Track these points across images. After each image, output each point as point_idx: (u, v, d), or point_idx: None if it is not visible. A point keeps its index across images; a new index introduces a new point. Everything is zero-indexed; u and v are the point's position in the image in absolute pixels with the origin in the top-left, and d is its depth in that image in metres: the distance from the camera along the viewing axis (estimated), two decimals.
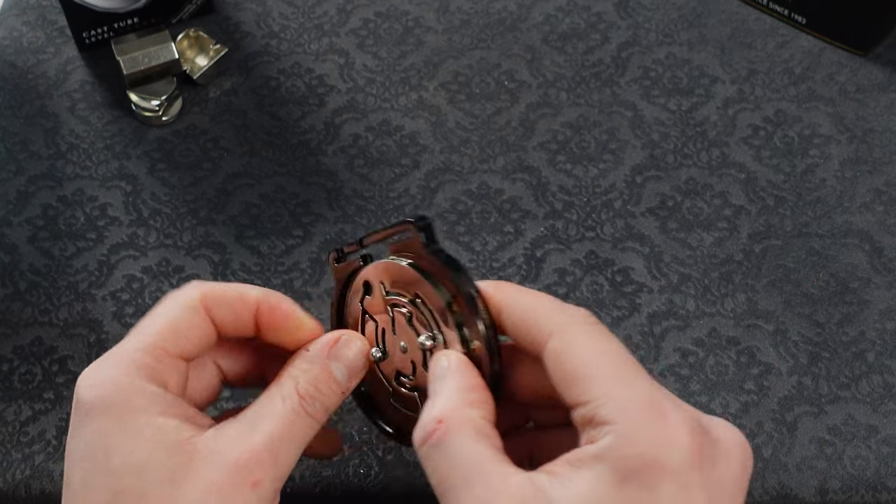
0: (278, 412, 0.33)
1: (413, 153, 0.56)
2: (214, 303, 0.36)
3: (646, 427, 0.29)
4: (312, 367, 0.35)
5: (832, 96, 0.58)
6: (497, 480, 0.29)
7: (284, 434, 0.33)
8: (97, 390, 0.33)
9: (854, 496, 0.44)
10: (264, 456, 0.32)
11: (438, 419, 0.31)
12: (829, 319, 0.49)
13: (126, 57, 0.56)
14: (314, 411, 0.34)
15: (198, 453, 0.32)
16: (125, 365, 0.33)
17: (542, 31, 0.61)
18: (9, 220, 0.53)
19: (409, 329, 0.36)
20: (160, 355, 0.34)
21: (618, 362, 0.30)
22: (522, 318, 0.33)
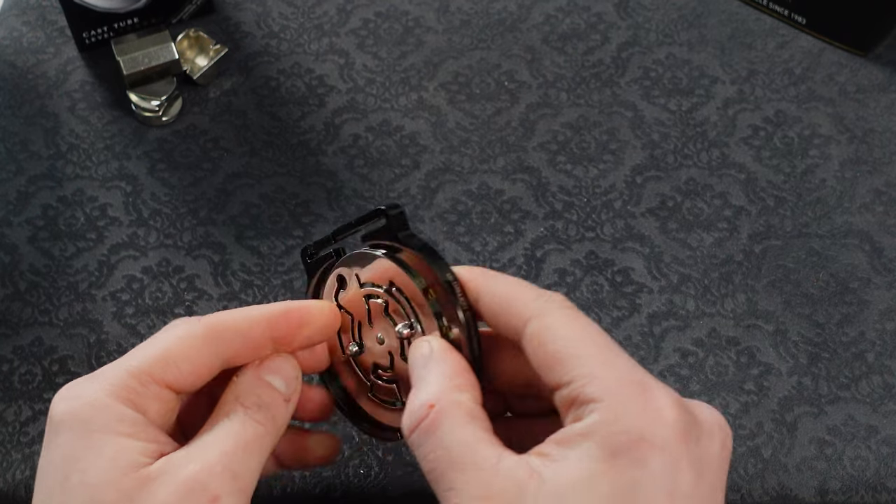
0: (226, 427, 0.33)
1: (413, 153, 0.56)
2: (221, 333, 0.35)
3: (632, 403, 0.29)
4: (248, 380, 0.35)
5: (832, 96, 0.58)
6: (491, 463, 0.29)
7: (237, 446, 0.32)
8: (69, 404, 0.32)
9: (854, 496, 0.44)
10: (218, 470, 0.31)
11: (429, 404, 0.31)
12: (829, 320, 0.49)
13: (126, 57, 0.56)
14: (263, 419, 0.33)
15: (151, 475, 0.31)
16: (104, 384, 0.33)
17: (543, 32, 0.61)
18: (9, 221, 0.53)
19: (385, 319, 0.36)
20: (145, 380, 0.33)
21: (599, 342, 0.31)
22: (500, 304, 0.33)
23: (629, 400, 0.29)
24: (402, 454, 0.45)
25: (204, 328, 0.34)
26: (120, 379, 0.33)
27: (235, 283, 0.51)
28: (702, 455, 0.29)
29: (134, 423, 0.32)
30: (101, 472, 0.31)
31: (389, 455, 0.45)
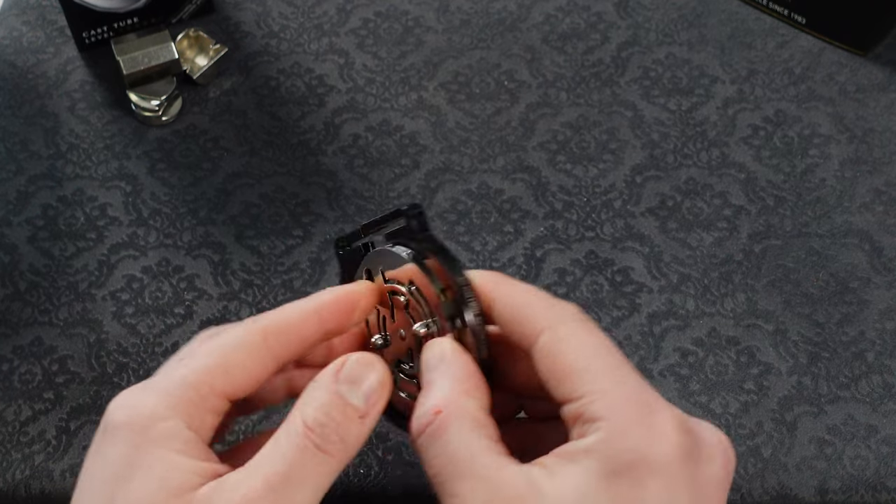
0: (282, 451, 0.30)
1: (413, 153, 0.56)
2: (277, 336, 0.33)
3: (635, 424, 0.29)
4: (320, 395, 0.31)
5: (832, 96, 0.58)
6: (492, 472, 0.29)
7: (291, 474, 0.30)
8: (127, 413, 0.31)
9: (854, 496, 0.44)
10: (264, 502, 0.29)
11: (435, 409, 0.30)
12: (829, 319, 0.49)
13: (126, 57, 0.56)
14: (325, 443, 0.30)
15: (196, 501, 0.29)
16: (163, 395, 0.31)
17: (542, 31, 0.61)
18: (9, 220, 0.53)
19: (406, 316, 0.36)
20: (205, 392, 0.32)
21: (608, 359, 0.30)
22: (514, 312, 0.32)
23: (634, 420, 0.29)
24: (402, 453, 0.45)
25: (261, 333, 0.33)
26: (179, 389, 0.31)
27: (235, 282, 0.51)
28: (702, 478, 0.29)
29: (188, 440, 0.31)
30: (149, 491, 0.29)
31: (389, 455, 0.45)
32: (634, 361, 0.48)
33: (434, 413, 0.30)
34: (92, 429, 0.46)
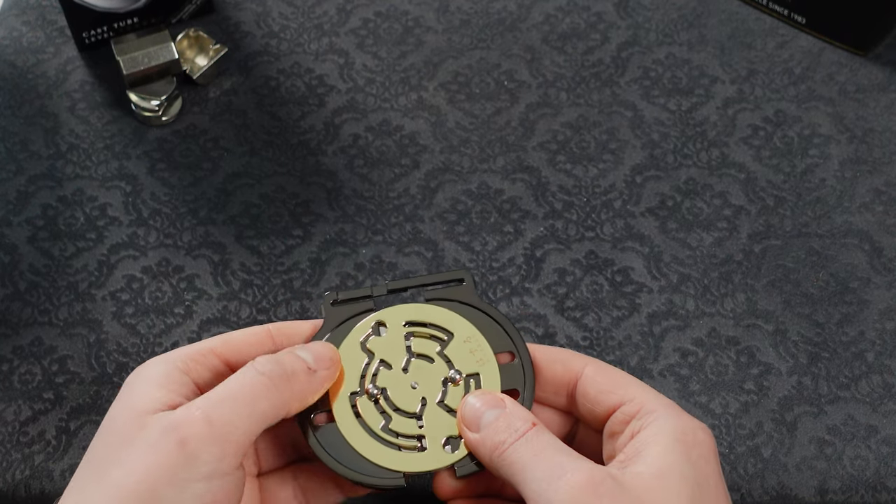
0: (227, 381, 0.35)
1: (413, 153, 0.56)
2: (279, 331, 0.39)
3: (685, 416, 0.35)
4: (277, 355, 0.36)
5: (832, 96, 0.58)
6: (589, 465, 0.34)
7: (225, 395, 0.33)
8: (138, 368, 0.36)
9: (854, 496, 0.44)
10: (196, 415, 0.33)
11: (532, 422, 0.35)
12: (829, 319, 0.49)
13: (126, 57, 0.56)
14: (270, 372, 0.34)
15: (150, 420, 0.33)
16: (170, 355, 0.36)
17: (542, 31, 0.61)
18: (9, 220, 0.53)
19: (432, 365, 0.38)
20: (206, 353, 0.37)
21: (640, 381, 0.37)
22: (559, 357, 0.39)
23: (682, 414, 0.36)
24: None
25: (266, 326, 0.39)
26: (183, 352, 0.37)
27: (235, 282, 0.51)
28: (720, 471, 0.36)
29: (172, 379, 0.35)
30: (119, 417, 0.34)
31: None
32: (634, 361, 0.48)
33: (532, 423, 0.35)
34: (92, 429, 0.46)
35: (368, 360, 0.38)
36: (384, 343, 0.39)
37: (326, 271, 0.51)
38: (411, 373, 0.38)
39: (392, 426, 0.37)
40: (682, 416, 0.35)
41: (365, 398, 0.38)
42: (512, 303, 0.50)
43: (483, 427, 0.36)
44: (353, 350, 0.38)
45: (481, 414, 0.36)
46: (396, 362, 0.38)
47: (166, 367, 0.36)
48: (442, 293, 0.40)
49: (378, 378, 0.38)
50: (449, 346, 0.38)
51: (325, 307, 0.39)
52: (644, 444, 0.34)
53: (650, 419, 0.35)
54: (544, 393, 0.39)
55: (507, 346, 0.39)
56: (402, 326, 0.39)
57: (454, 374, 0.38)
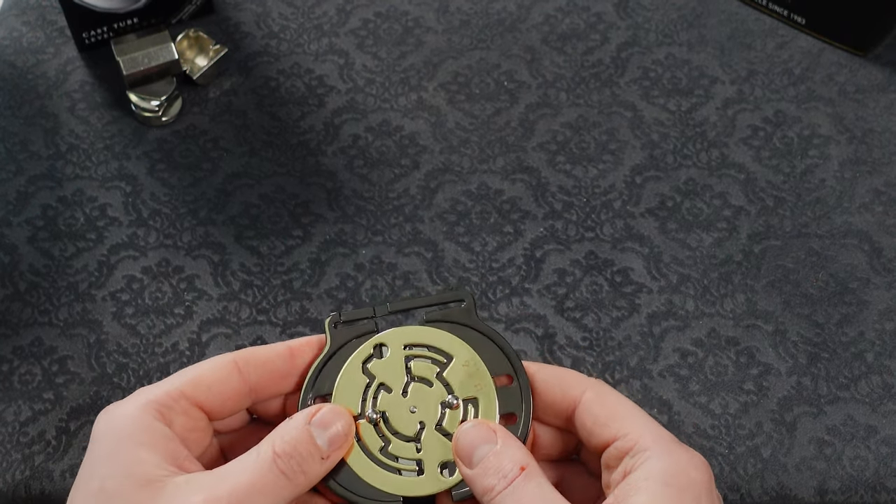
0: (250, 466, 0.34)
1: (413, 153, 0.56)
2: (247, 359, 0.38)
3: (678, 453, 0.35)
4: (292, 430, 0.36)
5: (832, 97, 0.58)
6: None
7: (250, 487, 0.33)
8: (106, 416, 0.36)
9: (853, 497, 0.44)
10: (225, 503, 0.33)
11: (521, 465, 0.35)
12: (829, 320, 0.49)
13: (126, 57, 0.56)
14: (289, 470, 0.34)
15: (163, 492, 0.33)
16: (139, 401, 0.36)
17: (542, 32, 0.61)
18: (8, 221, 0.53)
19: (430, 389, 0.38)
20: (176, 396, 0.36)
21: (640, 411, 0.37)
22: (558, 379, 0.38)
23: (675, 449, 0.35)
24: None
25: (232, 356, 0.38)
26: (152, 395, 0.36)
27: (235, 283, 0.51)
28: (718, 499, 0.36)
29: (157, 434, 0.35)
30: (117, 481, 0.33)
31: None
32: (634, 362, 0.48)
33: (521, 468, 0.35)
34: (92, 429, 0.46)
35: (369, 383, 0.39)
36: (384, 366, 0.39)
37: (326, 272, 0.51)
38: (410, 396, 0.39)
39: (391, 450, 0.38)
40: (675, 453, 0.35)
41: (365, 422, 0.38)
42: (511, 303, 0.50)
43: (475, 463, 0.36)
44: (354, 372, 0.39)
45: (473, 449, 0.36)
46: (396, 385, 0.39)
47: (144, 420, 0.35)
48: (442, 314, 0.40)
49: (378, 402, 0.38)
50: (448, 370, 0.39)
51: (328, 329, 0.40)
52: (632, 489, 0.34)
53: (642, 459, 0.35)
54: (544, 416, 0.39)
55: (506, 368, 0.39)
56: (402, 349, 0.39)
57: (452, 399, 0.38)
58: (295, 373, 0.39)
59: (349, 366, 0.39)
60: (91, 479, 0.34)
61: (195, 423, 0.37)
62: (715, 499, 0.35)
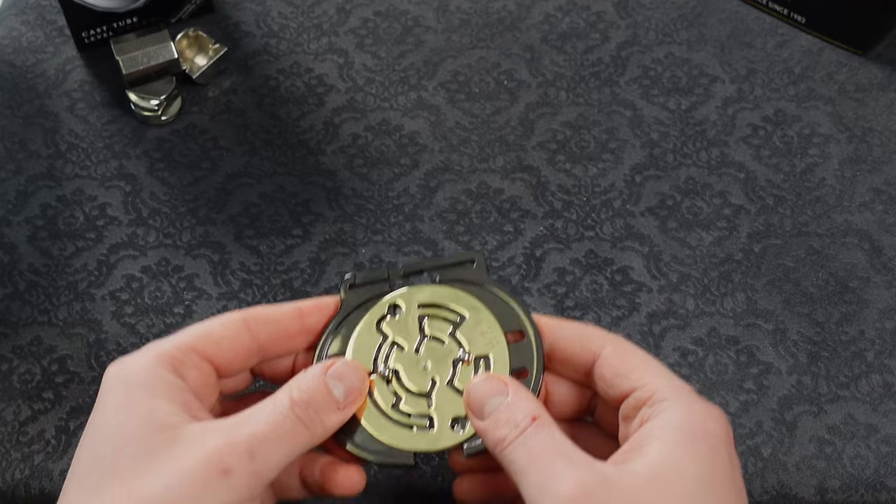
0: (266, 413, 0.35)
1: (412, 153, 0.56)
2: (256, 317, 0.38)
3: (697, 404, 0.35)
4: (309, 380, 0.36)
5: (832, 95, 0.58)
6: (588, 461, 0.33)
7: (269, 433, 0.34)
8: (118, 368, 0.36)
9: (853, 496, 0.44)
10: (241, 448, 0.33)
11: (533, 416, 0.35)
12: (829, 319, 0.49)
13: (125, 56, 0.56)
14: (306, 418, 0.35)
15: (180, 437, 0.34)
16: (151, 354, 0.36)
17: (542, 31, 0.61)
18: (8, 220, 0.53)
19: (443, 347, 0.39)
20: (187, 351, 0.37)
21: (662, 365, 0.37)
22: (578, 335, 0.38)
23: (694, 402, 0.35)
24: None
25: (241, 313, 0.38)
26: (164, 349, 0.36)
27: (235, 282, 0.51)
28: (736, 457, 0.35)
29: (170, 386, 0.35)
30: (133, 426, 0.34)
31: None
32: None
33: (531, 419, 0.35)
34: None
35: (382, 342, 0.39)
36: (398, 325, 0.40)
37: (326, 271, 0.51)
38: (423, 354, 0.39)
39: (402, 406, 0.38)
40: (694, 404, 0.35)
41: (378, 378, 0.39)
42: None
43: (486, 415, 0.36)
44: (368, 332, 0.40)
45: (485, 401, 0.36)
46: (409, 343, 0.39)
47: (157, 371, 0.35)
48: (454, 274, 0.41)
49: (391, 359, 0.39)
50: (461, 328, 0.39)
51: (344, 290, 0.41)
52: (648, 438, 0.34)
53: (659, 409, 0.35)
54: (564, 370, 0.39)
55: (518, 325, 0.39)
56: (416, 308, 0.40)
57: (463, 353, 0.39)
58: (304, 333, 0.39)
59: (363, 325, 0.40)
60: (104, 425, 0.34)
61: (205, 377, 0.37)
62: (734, 453, 0.35)
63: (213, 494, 0.33)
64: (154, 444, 0.33)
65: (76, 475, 0.34)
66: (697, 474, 0.33)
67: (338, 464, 0.38)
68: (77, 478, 0.34)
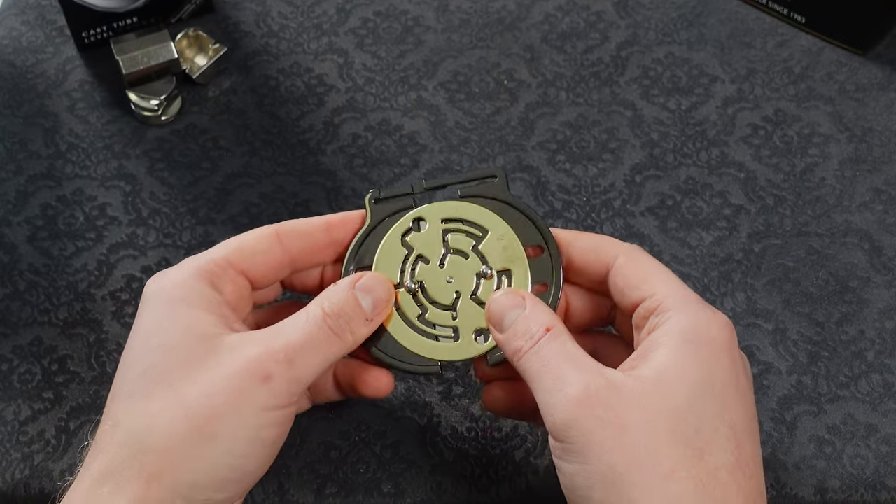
0: (301, 324, 0.37)
1: (412, 153, 0.56)
2: (288, 232, 0.40)
3: (701, 312, 0.36)
4: (339, 293, 0.38)
5: (831, 95, 0.58)
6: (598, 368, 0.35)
7: (305, 342, 0.36)
8: (158, 282, 0.38)
9: (853, 495, 0.44)
10: (280, 356, 0.36)
11: (547, 326, 0.37)
12: (829, 318, 0.49)
13: (125, 56, 0.56)
14: (337, 328, 0.37)
15: (222, 346, 0.36)
16: (190, 268, 0.38)
17: (542, 31, 0.61)
18: (8, 220, 0.53)
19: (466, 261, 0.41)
20: (223, 265, 0.39)
21: (670, 274, 0.38)
22: (594, 245, 0.40)
23: (699, 310, 0.36)
24: (399, 450, 0.45)
25: (273, 227, 0.40)
26: (201, 264, 0.39)
27: None
28: (746, 366, 0.37)
29: (210, 300, 0.38)
30: (178, 336, 0.36)
31: (387, 452, 0.45)
32: None
33: (546, 329, 0.37)
34: (92, 429, 0.46)
35: (408, 255, 0.41)
36: (423, 238, 0.41)
37: None
38: (447, 267, 0.41)
39: (428, 317, 0.40)
40: (699, 312, 0.36)
41: (404, 291, 0.40)
42: None
43: (506, 328, 0.38)
44: (393, 244, 0.41)
45: (504, 315, 0.38)
46: (434, 257, 0.41)
47: (196, 285, 0.38)
48: (477, 190, 0.42)
49: (416, 272, 0.41)
50: (483, 242, 0.41)
51: (369, 205, 0.42)
52: (653, 345, 0.36)
53: (665, 317, 0.36)
54: (581, 280, 0.41)
55: (538, 240, 0.41)
56: (440, 223, 0.41)
57: (486, 269, 0.40)
58: (333, 245, 0.41)
59: (389, 238, 0.41)
60: (148, 336, 0.37)
61: (241, 291, 0.39)
62: (737, 358, 0.36)
63: (255, 398, 0.35)
64: (198, 353, 0.36)
65: (126, 381, 0.36)
66: (698, 377, 0.34)
67: (368, 367, 0.41)
68: (127, 384, 0.36)
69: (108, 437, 0.35)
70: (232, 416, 0.35)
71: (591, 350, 0.41)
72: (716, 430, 0.34)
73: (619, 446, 0.33)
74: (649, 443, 0.33)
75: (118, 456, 0.34)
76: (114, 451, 0.34)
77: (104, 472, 0.34)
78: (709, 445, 0.33)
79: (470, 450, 0.45)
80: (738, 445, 0.34)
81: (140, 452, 0.34)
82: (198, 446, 0.34)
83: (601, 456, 0.33)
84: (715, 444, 0.34)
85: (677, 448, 0.33)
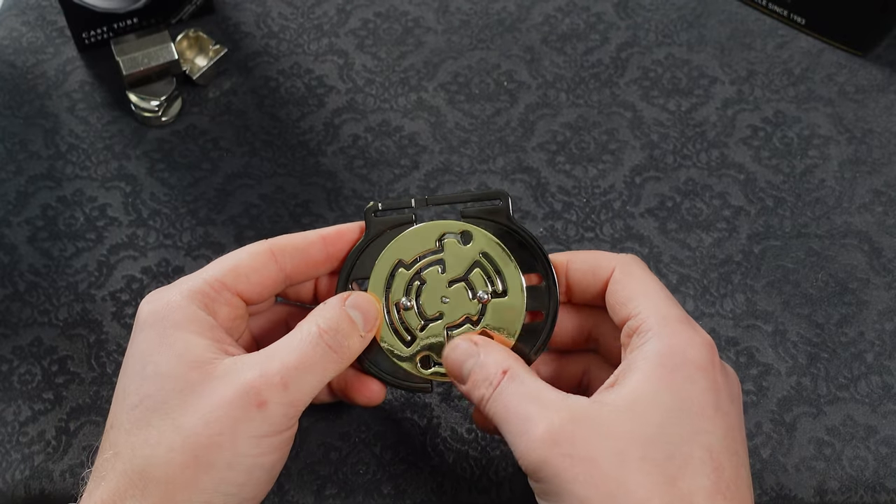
0: (296, 343, 0.37)
1: (412, 154, 0.56)
2: (283, 248, 0.40)
3: (681, 333, 0.36)
4: (331, 310, 0.38)
5: (831, 97, 0.58)
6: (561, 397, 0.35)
7: (300, 363, 0.36)
8: (152, 305, 0.38)
9: (853, 497, 0.44)
10: (275, 380, 0.35)
11: (503, 369, 0.37)
12: (828, 320, 0.49)
13: (125, 57, 0.56)
14: (334, 344, 0.37)
15: (216, 372, 0.36)
16: (184, 290, 0.38)
17: (542, 32, 0.61)
18: (8, 221, 0.53)
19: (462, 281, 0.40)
20: (218, 287, 0.39)
21: (661, 291, 0.38)
22: (590, 260, 0.40)
23: (678, 331, 0.36)
24: (398, 451, 0.45)
25: (268, 245, 0.40)
26: (196, 285, 0.38)
27: None
28: (730, 385, 0.36)
29: (203, 323, 0.37)
30: (171, 364, 0.36)
31: (387, 453, 0.45)
32: None
33: (503, 372, 0.37)
34: (92, 429, 0.46)
35: (405, 271, 0.41)
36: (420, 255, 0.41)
37: None
38: (443, 286, 0.41)
39: (420, 334, 0.40)
40: (679, 333, 0.36)
41: (397, 307, 0.41)
42: None
43: (465, 379, 0.38)
44: (390, 260, 0.41)
45: (461, 366, 0.38)
46: (430, 275, 0.41)
47: (189, 309, 0.37)
48: (479, 211, 0.41)
49: (412, 289, 0.41)
50: (481, 264, 0.41)
51: (368, 217, 0.41)
52: (629, 368, 0.35)
53: (645, 338, 0.36)
54: (581, 299, 0.41)
55: (536, 268, 0.40)
56: (438, 240, 0.41)
57: (482, 294, 0.40)
58: (328, 259, 0.41)
59: (386, 253, 0.41)
60: (144, 364, 0.37)
61: (236, 311, 0.39)
62: (717, 378, 0.35)
63: (250, 427, 0.35)
64: (192, 380, 0.36)
65: (124, 409, 0.36)
66: (671, 402, 0.34)
67: (361, 375, 0.41)
68: (125, 413, 0.36)
69: (110, 465, 0.35)
70: (228, 446, 0.35)
71: (582, 371, 0.42)
72: (689, 455, 0.33)
73: (590, 481, 0.33)
74: (620, 474, 0.33)
75: (120, 485, 0.35)
76: (116, 480, 0.35)
77: (107, 501, 0.35)
78: (681, 471, 0.33)
79: (470, 451, 0.45)
80: (717, 468, 0.33)
81: (141, 482, 0.34)
82: (196, 475, 0.34)
83: (575, 492, 0.33)
84: (688, 469, 0.33)
85: (649, 476, 0.33)
